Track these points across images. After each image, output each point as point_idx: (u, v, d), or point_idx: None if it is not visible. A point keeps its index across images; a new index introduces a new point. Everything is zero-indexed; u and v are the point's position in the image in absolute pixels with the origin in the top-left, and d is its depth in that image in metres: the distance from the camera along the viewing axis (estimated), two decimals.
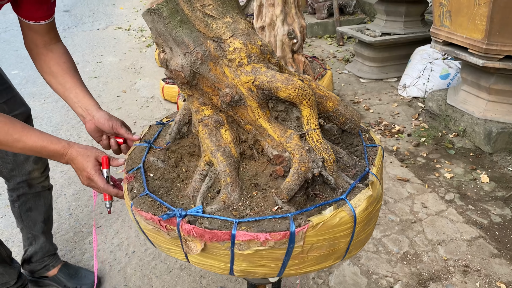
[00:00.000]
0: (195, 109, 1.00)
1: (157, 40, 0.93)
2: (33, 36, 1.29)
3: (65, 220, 2.36)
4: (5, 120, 1.06)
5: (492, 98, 2.80)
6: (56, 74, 1.29)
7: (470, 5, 2.46)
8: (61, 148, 1.08)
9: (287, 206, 0.87)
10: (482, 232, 2.17)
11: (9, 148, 1.08)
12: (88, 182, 1.10)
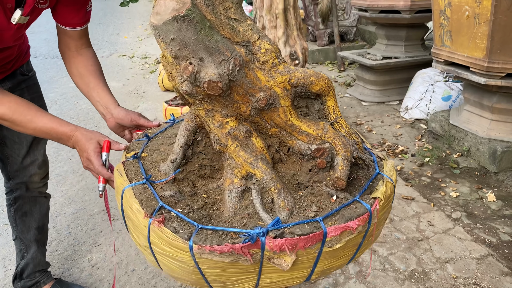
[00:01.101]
0: (217, 123, 0.92)
1: (181, 52, 0.82)
2: (67, 40, 1.39)
3: (64, 238, 2.31)
4: (21, 102, 1.16)
5: (496, 117, 2.79)
6: (82, 75, 1.37)
7: (470, 24, 2.49)
8: (68, 130, 1.15)
9: (342, 193, 0.90)
10: (491, 250, 2.11)
11: (23, 128, 1.16)
12: (87, 163, 1.14)
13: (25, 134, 1.63)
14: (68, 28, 1.35)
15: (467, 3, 2.47)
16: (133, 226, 0.93)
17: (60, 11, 1.33)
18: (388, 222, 2.33)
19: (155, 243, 0.86)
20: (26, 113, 1.15)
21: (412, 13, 3.64)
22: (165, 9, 0.79)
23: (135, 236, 0.94)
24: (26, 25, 1.32)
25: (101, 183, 1.16)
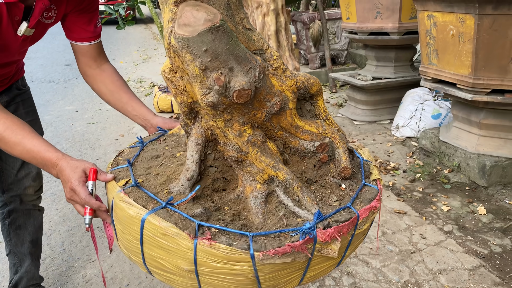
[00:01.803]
0: (236, 132, 0.93)
1: (212, 63, 0.82)
2: (86, 60, 1.44)
3: (58, 255, 2.31)
4: (16, 121, 1.12)
5: (484, 133, 2.86)
6: (113, 92, 1.42)
7: (455, 42, 2.59)
8: (54, 157, 1.07)
9: (347, 181, 1.00)
10: (483, 262, 2.14)
11: (10, 147, 1.10)
12: (70, 194, 1.04)
13: None
14: (82, 43, 1.41)
15: (451, 22, 2.57)
16: (166, 254, 0.87)
17: (70, 27, 1.40)
18: (381, 235, 2.35)
19: (204, 263, 0.83)
20: (17, 131, 1.10)
21: (400, 35, 3.76)
22: (196, 20, 0.79)
23: (169, 265, 0.89)
24: (32, 40, 1.37)
25: (87, 216, 1.03)
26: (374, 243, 2.28)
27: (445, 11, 2.59)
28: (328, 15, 5.66)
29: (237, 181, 0.99)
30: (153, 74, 6.82)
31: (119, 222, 0.95)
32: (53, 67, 7.41)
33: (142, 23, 14.43)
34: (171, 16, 0.83)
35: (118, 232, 0.97)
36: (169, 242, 0.85)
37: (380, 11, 3.70)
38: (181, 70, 0.89)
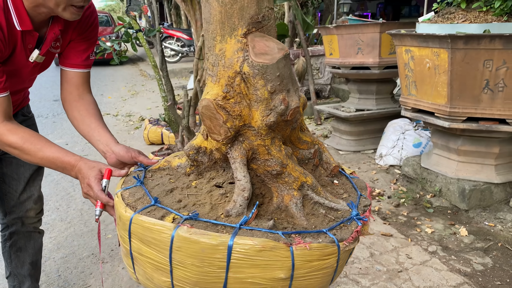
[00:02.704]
0: (278, 148, 1.03)
1: (280, 86, 0.92)
2: (69, 87, 1.48)
3: (54, 281, 2.33)
4: (33, 133, 1.24)
5: (462, 159, 3.02)
6: (83, 117, 1.45)
7: (432, 74, 2.79)
8: (73, 160, 1.21)
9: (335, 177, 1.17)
10: (466, 279, 2.24)
11: (31, 157, 1.21)
12: (86, 189, 1.19)
13: (23, 171, 1.74)
14: (72, 69, 1.47)
15: (427, 56, 2.78)
16: (261, 270, 0.91)
17: (66, 54, 1.47)
18: (369, 255, 2.44)
19: (301, 266, 0.91)
20: (36, 143, 1.22)
21: (380, 69, 3.99)
22: (271, 49, 0.91)
23: (261, 281, 0.92)
24: (41, 68, 1.48)
25: (98, 208, 1.19)
26: (363, 263, 2.37)
27: (421, 46, 2.81)
28: (311, 52, 5.93)
29: (270, 195, 1.06)
30: (142, 108, 6.95)
31: (189, 258, 0.92)
32: (41, 102, 7.48)
33: (129, 61, 14.68)
34: (239, 47, 0.93)
35: (179, 271, 0.94)
36: (265, 257, 0.89)
37: (361, 47, 3.94)
38: (240, 96, 0.97)
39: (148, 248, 0.96)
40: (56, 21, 1.34)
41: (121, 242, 1.07)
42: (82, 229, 2.92)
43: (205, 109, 0.98)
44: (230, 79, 0.96)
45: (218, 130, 0.99)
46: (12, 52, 1.28)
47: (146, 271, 1.01)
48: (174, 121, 4.04)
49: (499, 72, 2.55)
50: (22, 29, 1.26)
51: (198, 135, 1.10)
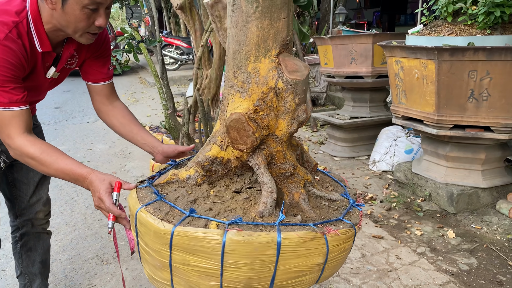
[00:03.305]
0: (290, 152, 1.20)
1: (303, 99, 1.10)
2: (100, 98, 1.64)
3: (61, 281, 2.45)
4: (49, 145, 1.34)
5: (450, 165, 3.16)
6: (124, 124, 1.61)
7: (420, 84, 2.93)
8: (85, 173, 1.29)
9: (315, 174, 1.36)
10: (452, 278, 2.37)
11: (47, 168, 1.30)
12: (98, 202, 1.25)
13: (32, 175, 1.86)
14: (97, 83, 1.62)
15: (416, 67, 2.92)
16: (304, 259, 1.04)
17: (87, 70, 1.62)
18: (360, 256, 2.57)
19: (333, 250, 1.07)
20: (51, 154, 1.31)
21: (373, 78, 4.14)
22: (299, 67, 1.05)
23: (303, 268, 1.05)
24: (56, 82, 1.61)
25: (110, 220, 1.24)
26: (355, 263, 2.50)
27: (410, 57, 2.96)
28: (308, 61, 6.08)
29: (280, 194, 1.19)
30: (142, 115, 7.07)
31: (243, 258, 1.00)
32: (43, 110, 7.60)
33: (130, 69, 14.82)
34: (273, 66, 1.06)
35: (231, 273, 1.02)
36: (307, 247, 1.02)
37: (354, 57, 4.09)
38: (270, 109, 1.08)
39: (194, 256, 1.02)
40: (71, 41, 1.47)
41: (156, 257, 1.09)
42: (86, 232, 3.04)
43: (235, 122, 1.06)
44: (264, 94, 1.07)
45: (244, 140, 1.08)
46: (32, 70, 1.41)
47: (191, 279, 1.06)
48: (174, 128, 4.17)
49: (483, 82, 2.69)
50: (43, 50, 1.39)
51: (212, 147, 1.18)
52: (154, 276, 1.15)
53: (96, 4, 1.27)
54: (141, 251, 1.15)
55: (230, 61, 1.11)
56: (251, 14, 1.03)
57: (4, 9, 1.30)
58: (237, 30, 1.06)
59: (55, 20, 1.33)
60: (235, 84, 1.11)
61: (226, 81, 1.16)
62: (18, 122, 1.30)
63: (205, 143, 1.24)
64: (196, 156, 1.24)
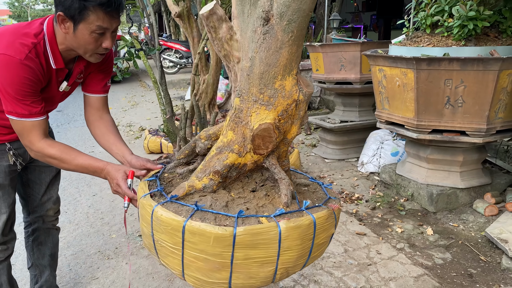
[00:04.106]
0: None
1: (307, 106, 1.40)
2: (91, 109, 1.83)
3: (65, 274, 2.65)
4: (66, 145, 1.58)
5: (431, 167, 3.37)
6: (104, 134, 1.78)
7: (401, 91, 3.14)
8: (102, 165, 1.54)
9: None
10: (426, 271, 2.57)
11: (67, 165, 1.54)
12: (116, 187, 1.51)
13: (44, 176, 2.06)
14: (92, 94, 1.81)
15: (397, 75, 3.13)
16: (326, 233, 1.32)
17: (88, 82, 1.82)
18: (343, 251, 2.77)
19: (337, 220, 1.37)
20: (70, 152, 1.56)
21: (362, 84, 4.34)
22: (309, 82, 1.30)
23: None
24: (67, 94, 1.82)
25: (126, 201, 1.51)
26: (337, 258, 2.70)
27: (391, 66, 3.16)
28: (302, 66, 6.29)
29: None
30: (142, 119, 7.29)
31: (295, 240, 1.21)
32: None
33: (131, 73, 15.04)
34: (294, 82, 1.27)
35: (286, 256, 1.22)
36: (328, 221, 1.30)
37: (344, 64, 4.29)
38: (289, 117, 1.28)
39: (256, 250, 1.18)
40: (81, 59, 1.68)
41: (215, 260, 1.18)
42: (89, 230, 3.24)
43: (263, 131, 1.25)
44: (288, 106, 1.27)
45: (267, 146, 1.28)
46: (47, 84, 1.62)
47: (251, 271, 1.21)
48: (172, 132, 4.38)
49: (458, 90, 2.90)
50: (57, 67, 1.60)
51: (229, 155, 1.33)
52: (208, 279, 1.24)
53: (102, 29, 1.48)
54: (190, 261, 1.22)
55: (256, 81, 1.25)
56: (285, 42, 1.20)
57: (24, 32, 1.51)
58: (269, 54, 1.21)
59: (68, 41, 1.54)
60: (261, 99, 1.26)
61: (246, 96, 1.28)
62: (37, 130, 1.52)
63: (214, 154, 1.35)
64: (206, 166, 1.35)
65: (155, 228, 1.23)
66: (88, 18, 1.45)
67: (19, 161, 1.86)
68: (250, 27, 1.25)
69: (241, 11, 1.28)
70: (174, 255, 1.23)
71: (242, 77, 1.29)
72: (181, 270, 1.24)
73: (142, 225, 1.32)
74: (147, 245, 1.35)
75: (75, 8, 1.44)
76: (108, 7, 1.45)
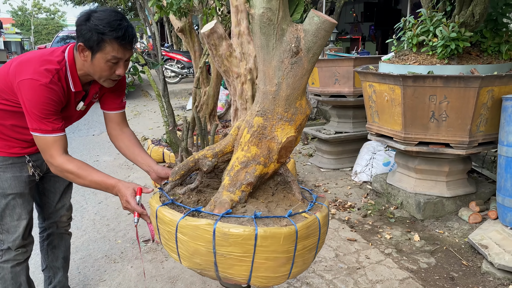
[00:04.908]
0: None
1: None
2: (112, 124, 2.03)
3: (75, 277, 2.84)
4: (82, 162, 1.76)
5: (419, 176, 3.57)
6: (128, 146, 1.99)
7: (389, 106, 3.35)
8: (113, 182, 1.71)
9: None
10: (411, 274, 2.76)
11: (83, 180, 1.72)
12: (126, 204, 1.68)
13: (58, 185, 2.26)
14: (111, 111, 2.02)
15: (385, 91, 3.34)
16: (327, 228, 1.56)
17: (104, 101, 2.03)
18: (334, 256, 2.97)
19: None
20: (86, 169, 1.73)
21: (355, 97, 4.55)
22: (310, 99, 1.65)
23: None
24: (83, 113, 2.03)
25: (136, 217, 1.67)
26: (329, 262, 2.89)
27: (380, 82, 3.37)
28: None
29: None
30: (144, 128, 7.50)
31: (323, 227, 1.49)
32: None
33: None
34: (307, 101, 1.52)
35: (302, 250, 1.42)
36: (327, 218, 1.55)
37: (338, 78, 4.51)
38: (302, 128, 1.54)
39: (308, 239, 1.43)
40: (96, 82, 1.89)
41: (281, 256, 1.36)
42: (95, 235, 3.44)
43: (289, 143, 1.48)
44: (303, 120, 1.51)
45: (287, 155, 1.52)
46: (66, 104, 1.83)
47: (304, 258, 1.45)
48: (174, 143, 4.59)
49: (441, 105, 3.10)
50: (75, 90, 1.81)
51: (257, 167, 1.49)
52: (275, 274, 1.40)
53: (117, 59, 1.70)
54: (261, 263, 1.36)
55: (282, 102, 1.45)
56: (308, 70, 1.44)
57: (49, 59, 1.73)
58: (295, 80, 1.43)
59: (86, 68, 1.76)
60: (285, 116, 1.46)
61: (271, 115, 1.47)
62: (58, 145, 1.72)
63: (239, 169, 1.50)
64: (234, 180, 1.50)
65: (219, 243, 1.32)
66: (104, 49, 1.67)
67: (37, 172, 2.06)
68: (276, 58, 1.44)
69: (265, 45, 1.44)
70: (242, 263, 1.34)
71: (266, 99, 1.48)
72: (248, 275, 1.36)
73: (194, 245, 1.36)
74: (198, 263, 1.39)
75: (94, 40, 1.65)
76: (123, 40, 1.67)
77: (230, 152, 1.58)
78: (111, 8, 1.79)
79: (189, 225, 1.35)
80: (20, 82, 1.68)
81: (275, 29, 1.40)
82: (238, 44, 3.56)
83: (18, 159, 1.98)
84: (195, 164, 1.59)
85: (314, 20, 1.37)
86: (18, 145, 1.96)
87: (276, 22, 1.39)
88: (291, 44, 1.40)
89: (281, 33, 1.41)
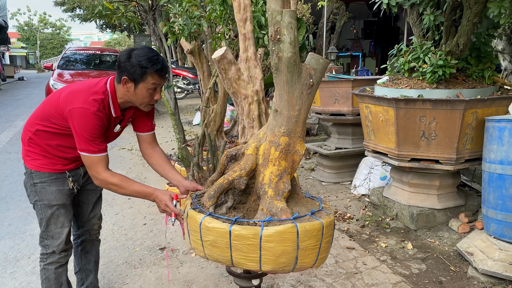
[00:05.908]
0: None
1: None
2: (145, 144, 2.36)
3: (100, 280, 3.13)
4: (123, 175, 2.09)
5: (412, 190, 3.88)
6: (160, 164, 2.31)
7: (384, 125, 3.68)
8: (152, 191, 2.05)
9: None
10: (404, 279, 3.06)
11: (125, 190, 2.05)
12: (164, 207, 2.02)
13: (91, 197, 2.58)
14: (143, 133, 2.35)
15: (380, 111, 3.67)
16: None
17: (137, 124, 2.35)
18: (334, 262, 3.27)
19: None
20: (127, 181, 2.07)
21: (354, 116, 4.89)
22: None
23: None
24: (118, 134, 2.36)
25: (173, 218, 1.98)
26: (329, 267, 3.19)
27: (376, 104, 3.71)
28: None
29: None
30: None
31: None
32: None
33: None
34: None
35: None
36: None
37: (337, 98, 4.85)
38: None
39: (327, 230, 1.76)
40: (130, 107, 2.23)
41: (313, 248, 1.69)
42: (115, 244, 3.75)
43: (304, 153, 1.87)
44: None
45: (299, 162, 1.90)
46: (107, 127, 2.17)
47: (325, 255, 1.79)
48: (186, 158, 4.91)
49: (431, 125, 3.43)
50: (115, 115, 2.15)
51: (288, 177, 1.84)
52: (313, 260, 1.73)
53: (156, 86, 2.04)
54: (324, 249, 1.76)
55: (301, 123, 1.86)
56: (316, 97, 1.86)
57: (95, 91, 2.07)
58: (309, 106, 1.86)
59: (127, 97, 2.10)
60: (301, 134, 1.87)
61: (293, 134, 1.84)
62: (103, 163, 2.05)
63: (277, 181, 1.80)
64: (276, 190, 1.79)
65: (302, 239, 1.65)
66: (146, 79, 2.02)
67: (76, 186, 2.39)
68: (297, 90, 1.83)
69: (290, 80, 1.81)
70: (314, 251, 1.70)
71: (290, 122, 1.85)
72: (315, 260, 1.72)
73: (282, 247, 1.63)
74: (283, 262, 1.67)
75: (138, 73, 2.00)
76: (161, 71, 2.03)
77: (254, 170, 1.90)
78: (146, 46, 2.14)
79: (275, 233, 1.62)
80: (72, 110, 2.02)
81: (297, 68, 1.80)
82: (246, 68, 3.92)
83: (60, 175, 2.31)
84: (229, 185, 1.85)
85: (320, 61, 1.84)
86: (60, 162, 2.29)
87: (297, 63, 1.80)
88: (307, 79, 1.82)
89: (299, 71, 1.82)
